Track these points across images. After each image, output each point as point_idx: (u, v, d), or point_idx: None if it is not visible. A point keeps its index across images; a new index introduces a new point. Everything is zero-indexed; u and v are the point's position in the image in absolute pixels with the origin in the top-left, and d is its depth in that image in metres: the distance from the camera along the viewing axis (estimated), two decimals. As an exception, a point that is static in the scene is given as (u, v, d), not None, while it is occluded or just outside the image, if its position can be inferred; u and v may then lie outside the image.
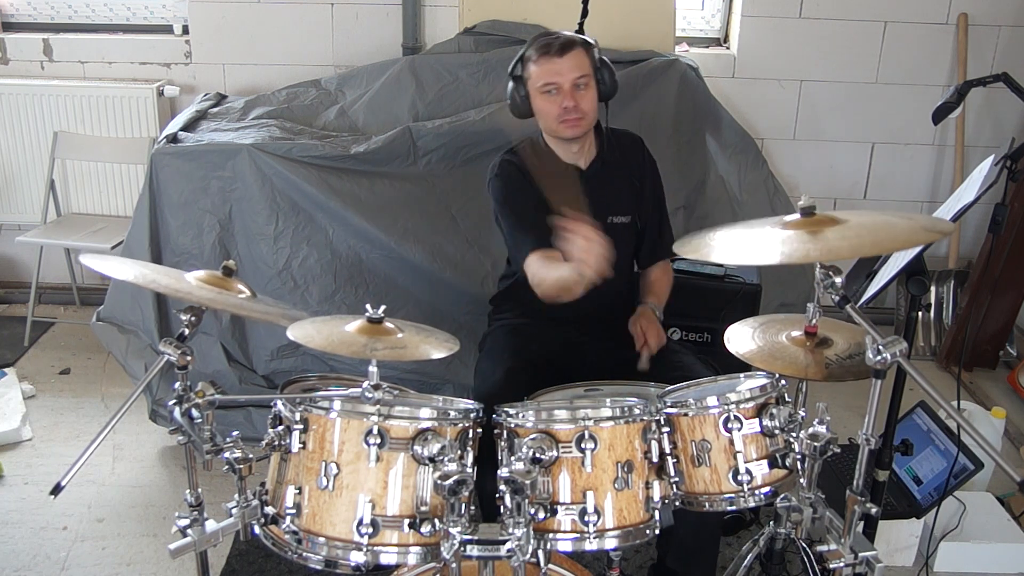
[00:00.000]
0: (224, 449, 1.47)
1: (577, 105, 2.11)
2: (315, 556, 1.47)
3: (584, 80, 2.12)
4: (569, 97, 2.10)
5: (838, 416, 2.46)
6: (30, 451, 2.91)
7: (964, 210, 1.87)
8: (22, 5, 3.73)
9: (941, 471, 2.40)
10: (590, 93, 2.14)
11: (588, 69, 2.13)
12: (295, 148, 2.92)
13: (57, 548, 2.46)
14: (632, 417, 1.54)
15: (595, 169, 2.24)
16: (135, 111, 3.56)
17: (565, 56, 2.10)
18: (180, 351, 1.47)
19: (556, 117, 2.13)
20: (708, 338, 2.83)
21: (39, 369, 3.40)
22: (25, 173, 3.67)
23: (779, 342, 1.68)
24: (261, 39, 3.58)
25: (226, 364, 2.95)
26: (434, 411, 1.50)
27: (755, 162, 3.46)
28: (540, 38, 2.16)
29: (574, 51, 2.11)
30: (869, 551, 1.54)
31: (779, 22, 3.55)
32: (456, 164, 3.07)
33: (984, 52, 3.57)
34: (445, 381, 2.99)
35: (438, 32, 3.53)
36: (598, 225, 1.79)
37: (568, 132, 2.16)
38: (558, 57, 2.10)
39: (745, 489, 1.59)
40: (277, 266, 2.93)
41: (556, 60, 2.10)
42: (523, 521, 1.40)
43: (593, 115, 2.17)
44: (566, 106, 2.10)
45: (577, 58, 2.11)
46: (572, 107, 2.11)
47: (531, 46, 2.16)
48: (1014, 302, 3.44)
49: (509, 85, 2.20)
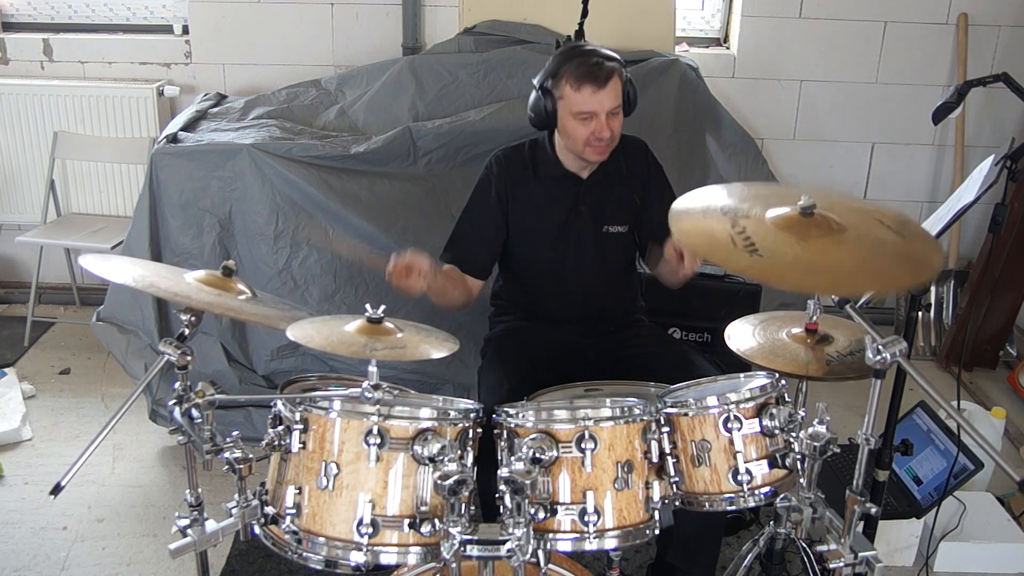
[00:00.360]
0: (224, 449, 1.47)
1: (612, 134, 2.08)
2: (315, 556, 1.47)
3: (617, 108, 2.08)
4: (605, 127, 2.06)
5: (838, 416, 2.46)
6: (30, 451, 2.91)
7: (964, 210, 1.87)
8: (22, 5, 3.73)
9: (941, 471, 2.40)
10: (619, 118, 2.10)
11: (622, 96, 2.09)
12: (295, 148, 2.92)
13: (57, 548, 2.46)
14: (632, 417, 1.54)
15: (596, 179, 2.22)
16: (135, 111, 3.56)
17: (608, 86, 2.04)
18: (180, 351, 1.47)
19: (585, 141, 2.08)
20: (708, 338, 2.84)
21: (39, 369, 3.40)
22: (25, 173, 3.67)
23: (780, 339, 1.68)
24: (261, 39, 3.58)
25: (226, 364, 2.95)
26: (434, 411, 1.51)
27: (755, 162, 3.45)
28: (580, 59, 2.05)
29: (614, 80, 2.05)
30: (869, 551, 1.54)
31: (779, 22, 3.55)
32: (456, 164, 3.07)
33: (984, 52, 3.57)
34: (445, 381, 2.99)
35: (438, 32, 3.53)
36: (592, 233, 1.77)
37: (594, 157, 2.13)
38: (601, 89, 2.03)
39: (745, 489, 1.59)
40: (277, 266, 2.93)
41: (599, 92, 2.03)
42: (523, 521, 1.40)
43: (618, 137, 2.13)
44: (601, 136, 2.06)
45: (616, 87, 2.06)
46: (608, 137, 2.07)
47: (569, 64, 2.05)
48: (1014, 302, 3.44)
49: (534, 95, 2.12)
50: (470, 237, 2.23)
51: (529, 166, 2.22)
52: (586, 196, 2.21)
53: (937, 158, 3.75)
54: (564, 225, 2.21)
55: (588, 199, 2.21)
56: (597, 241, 2.23)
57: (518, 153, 2.25)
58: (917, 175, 3.77)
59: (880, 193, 3.78)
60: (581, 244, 2.22)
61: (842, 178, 3.77)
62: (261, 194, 2.90)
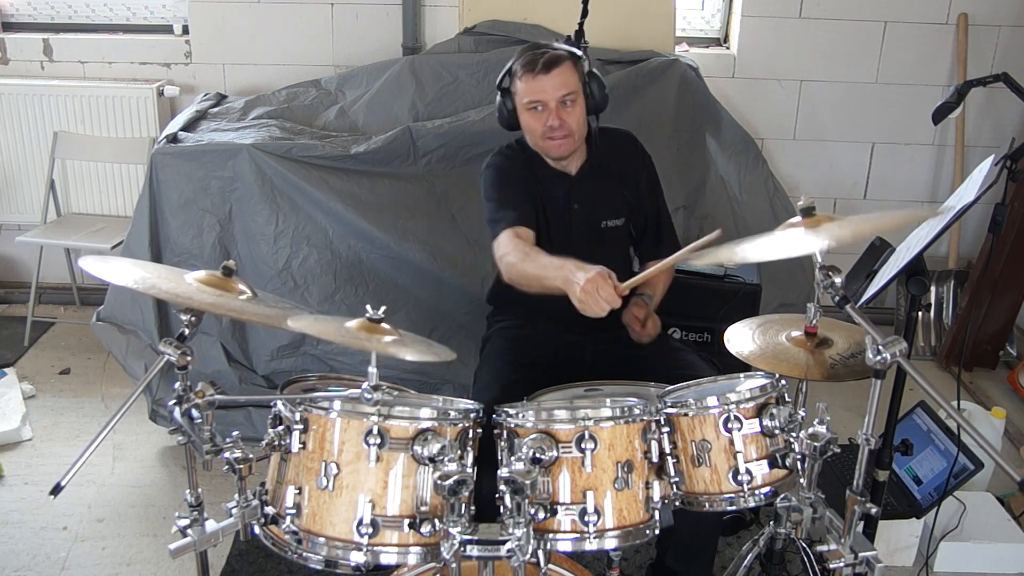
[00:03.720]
0: (224, 449, 1.47)
1: (563, 123, 2.07)
2: (315, 556, 1.47)
3: (571, 97, 2.07)
4: (554, 116, 2.06)
5: (838, 416, 2.46)
6: (30, 451, 2.91)
7: (964, 210, 1.87)
8: (22, 5, 3.73)
9: (941, 471, 2.40)
10: (577, 110, 2.09)
11: (575, 85, 2.08)
12: (295, 148, 2.92)
13: (57, 548, 2.46)
14: (632, 417, 1.54)
15: (585, 174, 2.22)
16: (135, 111, 3.56)
17: (551, 73, 2.04)
18: (180, 351, 1.47)
19: (541, 134, 2.10)
20: (708, 338, 2.83)
21: (39, 369, 3.40)
22: (25, 173, 3.67)
23: (779, 343, 1.68)
24: (261, 39, 3.58)
25: (226, 364, 2.95)
26: (434, 411, 1.50)
27: (755, 162, 3.46)
28: (527, 52, 2.10)
29: (560, 67, 2.05)
30: (869, 551, 1.54)
31: (779, 22, 3.54)
32: (456, 164, 3.07)
33: (984, 52, 3.57)
34: (445, 381, 2.99)
35: (438, 32, 3.53)
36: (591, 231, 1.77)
37: (554, 151, 2.13)
38: (543, 74, 2.04)
39: (745, 489, 1.58)
40: (277, 266, 2.93)
41: (541, 77, 2.04)
42: (523, 521, 1.40)
43: (581, 132, 2.13)
44: (551, 124, 2.07)
45: (563, 75, 2.05)
46: (557, 125, 2.07)
47: (517, 60, 2.10)
48: (1014, 302, 3.44)
49: (497, 97, 2.16)
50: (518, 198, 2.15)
51: (527, 163, 2.23)
52: (577, 192, 2.21)
53: (937, 158, 3.75)
54: (561, 223, 2.22)
55: (579, 195, 2.21)
56: (595, 237, 2.23)
57: (510, 154, 2.25)
58: (917, 175, 3.77)
59: (880, 193, 3.79)
60: (580, 241, 2.22)
61: (842, 178, 3.77)
62: (261, 194, 2.90)
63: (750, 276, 2.84)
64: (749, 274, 2.85)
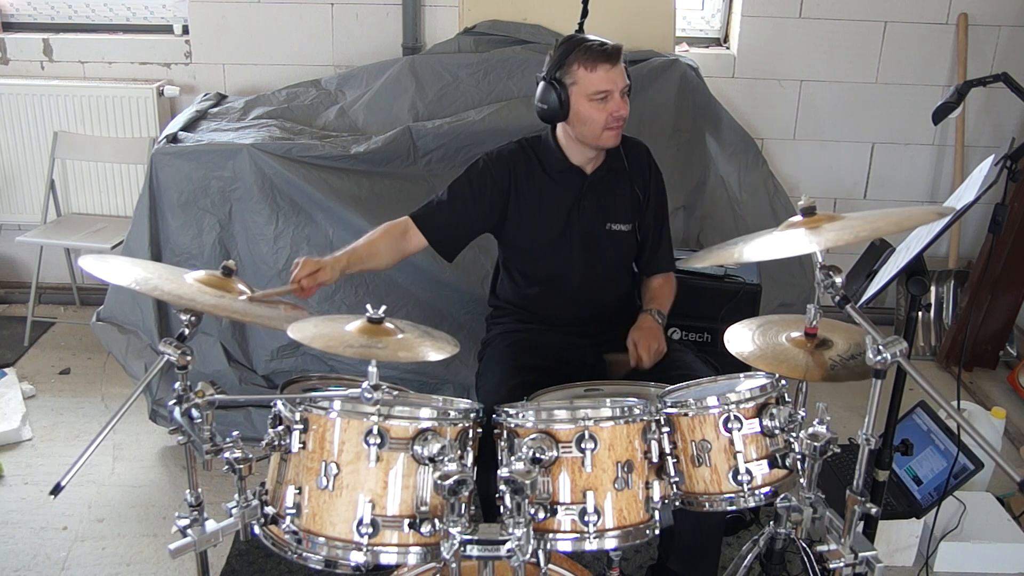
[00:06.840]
0: (224, 449, 1.47)
1: (626, 114, 2.09)
2: (315, 556, 1.47)
3: (627, 88, 2.10)
4: (623, 105, 2.08)
5: (838, 416, 2.46)
6: (30, 451, 2.91)
7: (964, 210, 1.87)
8: (22, 5, 3.73)
9: (941, 471, 2.40)
10: (627, 101, 2.12)
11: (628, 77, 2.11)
12: (295, 148, 2.92)
13: (57, 548, 2.46)
14: (632, 417, 1.54)
15: (600, 175, 2.22)
16: (135, 111, 3.56)
17: (619, 64, 2.06)
18: (180, 351, 1.47)
19: (604, 124, 2.08)
20: (708, 338, 2.83)
21: (39, 369, 3.40)
22: (25, 173, 3.67)
23: (779, 343, 1.68)
24: (261, 39, 3.58)
25: (226, 364, 2.95)
26: (434, 411, 1.50)
27: (755, 162, 3.46)
28: (588, 43, 2.06)
29: (621, 58, 2.07)
30: (869, 551, 1.54)
31: (779, 22, 3.55)
32: (456, 164, 3.07)
33: (984, 52, 3.57)
34: (445, 381, 2.99)
35: (438, 32, 3.53)
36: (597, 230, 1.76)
37: (612, 141, 2.13)
38: (615, 67, 2.05)
39: (745, 489, 1.59)
40: (277, 266, 2.93)
41: (613, 69, 2.04)
42: (523, 521, 1.40)
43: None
44: (618, 115, 2.07)
45: (623, 67, 2.08)
46: (625, 115, 2.08)
47: (578, 50, 2.05)
48: (1014, 302, 3.44)
49: (543, 87, 2.10)
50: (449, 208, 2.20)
51: (534, 159, 2.22)
52: (590, 191, 2.21)
53: (937, 158, 3.75)
54: (567, 220, 2.21)
55: (592, 194, 2.21)
56: (600, 239, 2.23)
57: (518, 150, 2.24)
58: (917, 175, 3.77)
59: (880, 193, 3.79)
60: (584, 241, 2.22)
61: (842, 178, 3.77)
62: (261, 194, 2.90)
63: (750, 276, 2.84)
64: (749, 274, 2.85)
